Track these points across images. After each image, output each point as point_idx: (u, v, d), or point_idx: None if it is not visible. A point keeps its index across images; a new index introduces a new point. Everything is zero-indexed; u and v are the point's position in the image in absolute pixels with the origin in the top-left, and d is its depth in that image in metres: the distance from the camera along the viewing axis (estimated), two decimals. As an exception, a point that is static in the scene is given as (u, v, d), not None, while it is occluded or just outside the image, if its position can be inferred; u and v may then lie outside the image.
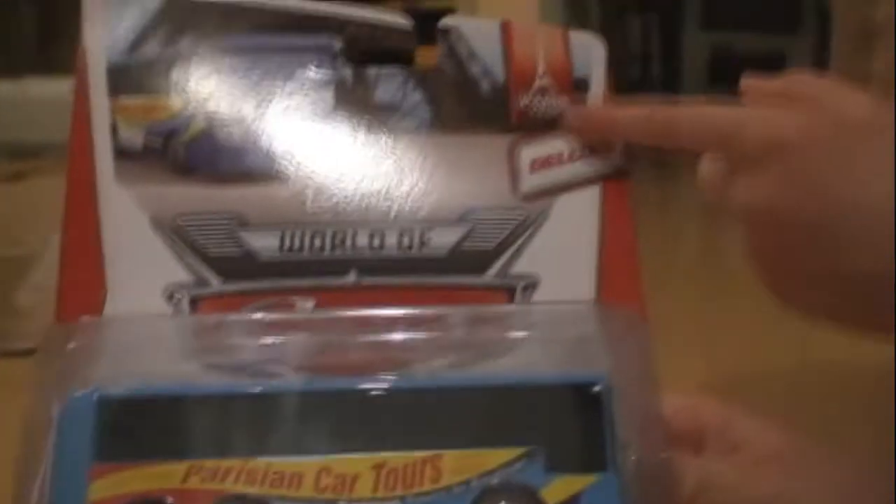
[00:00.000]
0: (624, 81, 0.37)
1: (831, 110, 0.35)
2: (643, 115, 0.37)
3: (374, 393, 0.30)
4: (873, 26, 2.41)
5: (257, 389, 0.30)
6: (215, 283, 0.33)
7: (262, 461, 0.28)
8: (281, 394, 0.30)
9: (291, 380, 0.30)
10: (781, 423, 0.33)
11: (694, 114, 0.37)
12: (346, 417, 0.29)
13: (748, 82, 0.39)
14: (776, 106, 0.36)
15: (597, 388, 0.30)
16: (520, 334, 0.33)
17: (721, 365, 0.57)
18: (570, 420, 0.30)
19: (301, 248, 0.33)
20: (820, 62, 3.17)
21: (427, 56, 0.36)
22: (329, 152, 0.35)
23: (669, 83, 3.48)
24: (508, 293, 0.34)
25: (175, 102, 0.34)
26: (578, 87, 0.36)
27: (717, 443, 0.32)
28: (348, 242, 0.34)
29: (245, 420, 0.29)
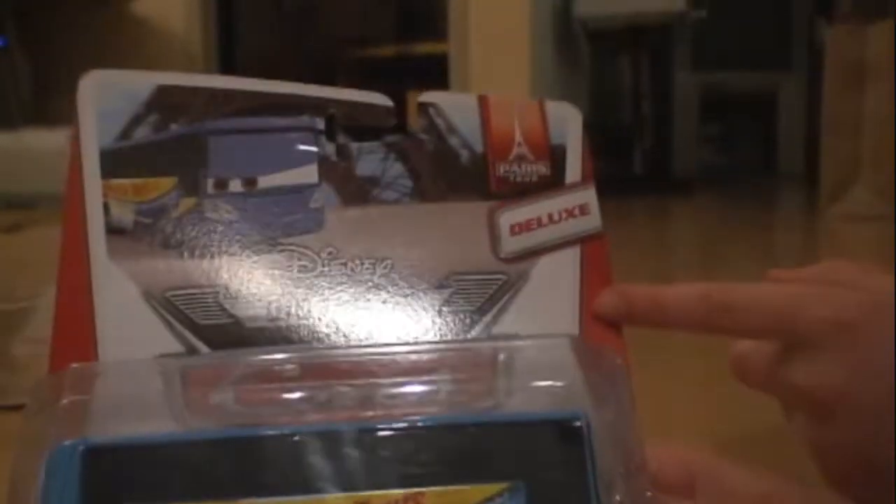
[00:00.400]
0: (616, 121, 0.38)
1: (880, 292, 0.33)
2: (695, 296, 0.35)
3: (354, 434, 0.30)
4: (865, 65, 2.43)
5: (241, 434, 0.30)
6: (204, 352, 0.34)
7: (247, 503, 0.29)
8: (264, 437, 0.30)
9: (275, 424, 0.31)
10: (772, 472, 0.32)
11: (750, 294, 0.35)
12: (327, 458, 0.30)
13: (776, 273, 0.37)
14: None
15: (577, 423, 0.30)
16: (501, 384, 0.33)
17: (714, 421, 0.58)
18: (551, 455, 0.30)
19: (287, 315, 0.34)
20: (811, 101, 3.20)
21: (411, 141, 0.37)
22: (314, 225, 0.36)
23: (660, 122, 3.50)
24: (492, 353, 0.34)
25: (164, 182, 0.36)
26: (555, 153, 0.38)
27: (708, 491, 0.32)
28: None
29: (229, 464, 0.29)
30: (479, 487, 0.29)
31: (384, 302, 0.35)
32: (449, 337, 0.35)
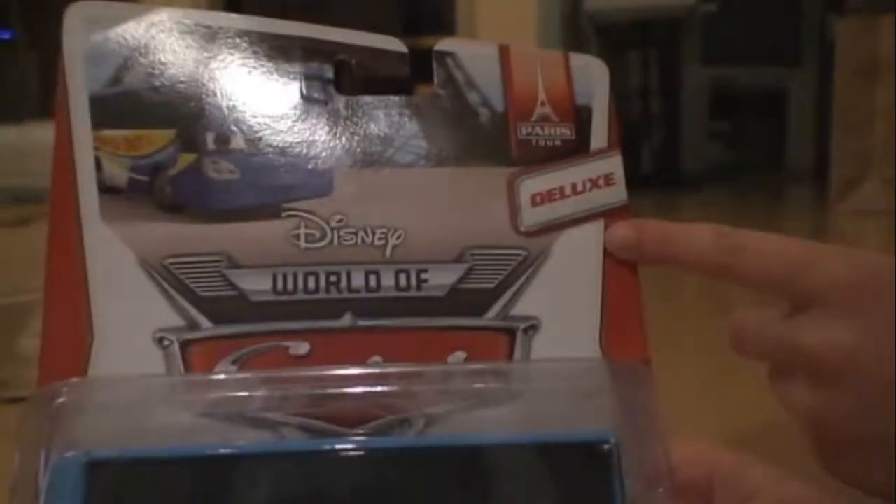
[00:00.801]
0: (624, 117, 0.35)
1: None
2: (709, 233, 0.34)
3: (366, 454, 0.28)
4: (877, 59, 2.42)
5: (244, 451, 0.29)
6: (206, 326, 0.32)
7: None
8: (269, 454, 0.29)
9: (281, 439, 0.29)
10: (793, 473, 0.31)
11: (765, 239, 0.34)
12: (340, 479, 0.28)
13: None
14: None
15: (606, 447, 0.29)
16: (521, 386, 0.31)
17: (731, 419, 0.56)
18: (580, 478, 0.29)
19: (294, 289, 0.32)
20: (821, 96, 3.19)
21: (427, 94, 0.35)
22: (322, 188, 0.33)
23: (669, 118, 3.49)
24: (509, 335, 0.32)
25: (160, 135, 0.33)
26: (581, 115, 0.35)
27: (729, 492, 0.30)
28: (343, 283, 0.32)
29: (233, 480, 0.28)
30: None
31: (396, 279, 0.33)
32: (463, 318, 0.32)
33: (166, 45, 0.33)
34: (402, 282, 0.33)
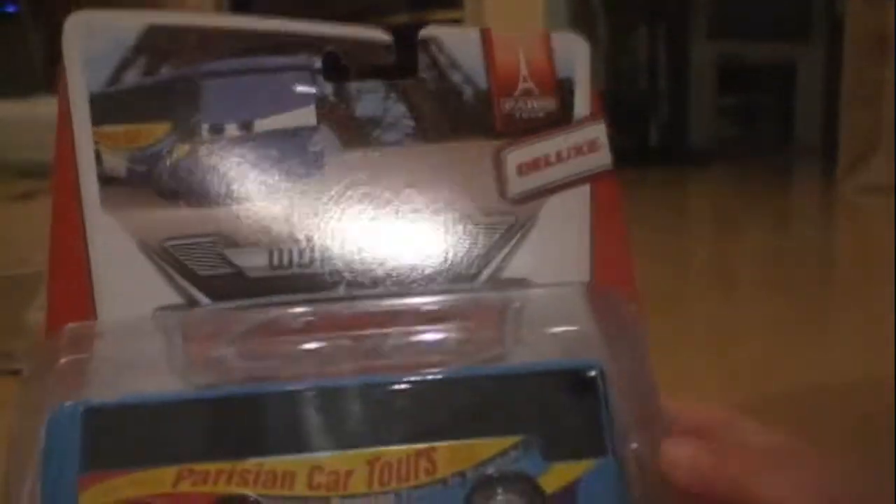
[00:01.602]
0: (631, 93, 0.36)
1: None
2: None
3: (363, 389, 0.29)
4: (886, 35, 2.39)
5: (244, 391, 0.30)
6: (206, 304, 0.33)
7: (252, 462, 0.28)
8: (268, 394, 0.29)
9: (277, 380, 0.30)
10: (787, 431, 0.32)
11: None
12: (336, 415, 0.29)
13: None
14: None
15: (591, 373, 0.30)
16: (512, 333, 0.33)
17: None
18: (565, 406, 0.29)
19: (290, 264, 0.33)
20: (830, 72, 3.16)
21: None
22: (313, 169, 0.34)
23: (677, 94, 3.46)
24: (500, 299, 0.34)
25: (157, 128, 0.34)
26: (562, 87, 0.36)
27: (724, 438, 0.32)
28: (337, 256, 0.33)
29: (234, 422, 0.29)
30: (492, 441, 0.29)
31: (389, 251, 0.34)
32: (457, 283, 0.34)
33: (161, 45, 0.35)
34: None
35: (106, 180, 0.34)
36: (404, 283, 0.33)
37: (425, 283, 0.34)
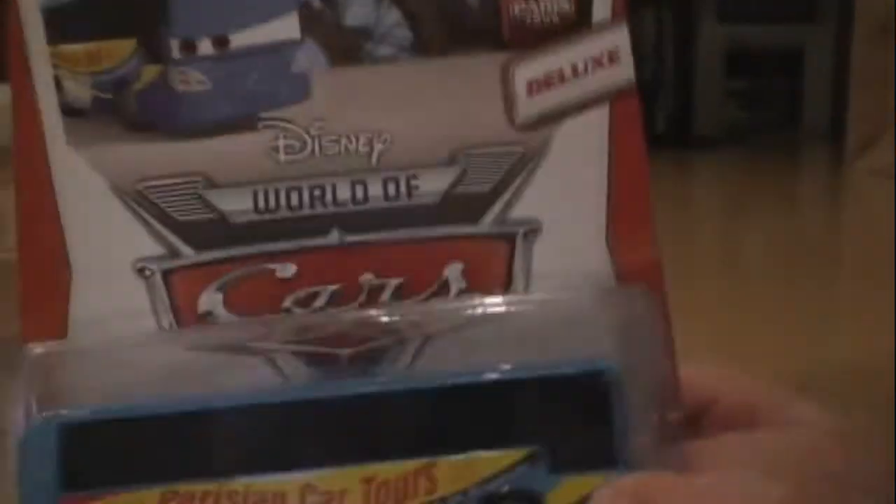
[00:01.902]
0: (639, 76, 0.32)
1: None
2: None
3: (357, 399, 0.28)
4: (888, 26, 2.38)
5: (230, 403, 0.28)
6: (187, 254, 0.30)
7: (240, 482, 0.27)
8: (256, 406, 0.28)
9: (268, 389, 0.29)
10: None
11: None
12: (328, 428, 0.28)
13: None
14: None
15: (606, 378, 0.27)
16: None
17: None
18: (576, 415, 0.28)
19: (277, 206, 0.30)
20: (839, 55, 3.15)
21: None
22: (298, 92, 0.31)
23: (684, 77, 3.46)
24: (508, 241, 0.31)
25: (122, 45, 0.30)
26: None
27: (773, 420, 0.29)
28: (328, 197, 0.30)
29: (219, 437, 0.28)
30: (496, 455, 0.27)
31: (385, 188, 0.31)
32: (459, 226, 0.31)
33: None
34: (392, 191, 0.31)
35: (69, 112, 0.30)
36: (403, 224, 0.31)
37: (426, 223, 0.31)
